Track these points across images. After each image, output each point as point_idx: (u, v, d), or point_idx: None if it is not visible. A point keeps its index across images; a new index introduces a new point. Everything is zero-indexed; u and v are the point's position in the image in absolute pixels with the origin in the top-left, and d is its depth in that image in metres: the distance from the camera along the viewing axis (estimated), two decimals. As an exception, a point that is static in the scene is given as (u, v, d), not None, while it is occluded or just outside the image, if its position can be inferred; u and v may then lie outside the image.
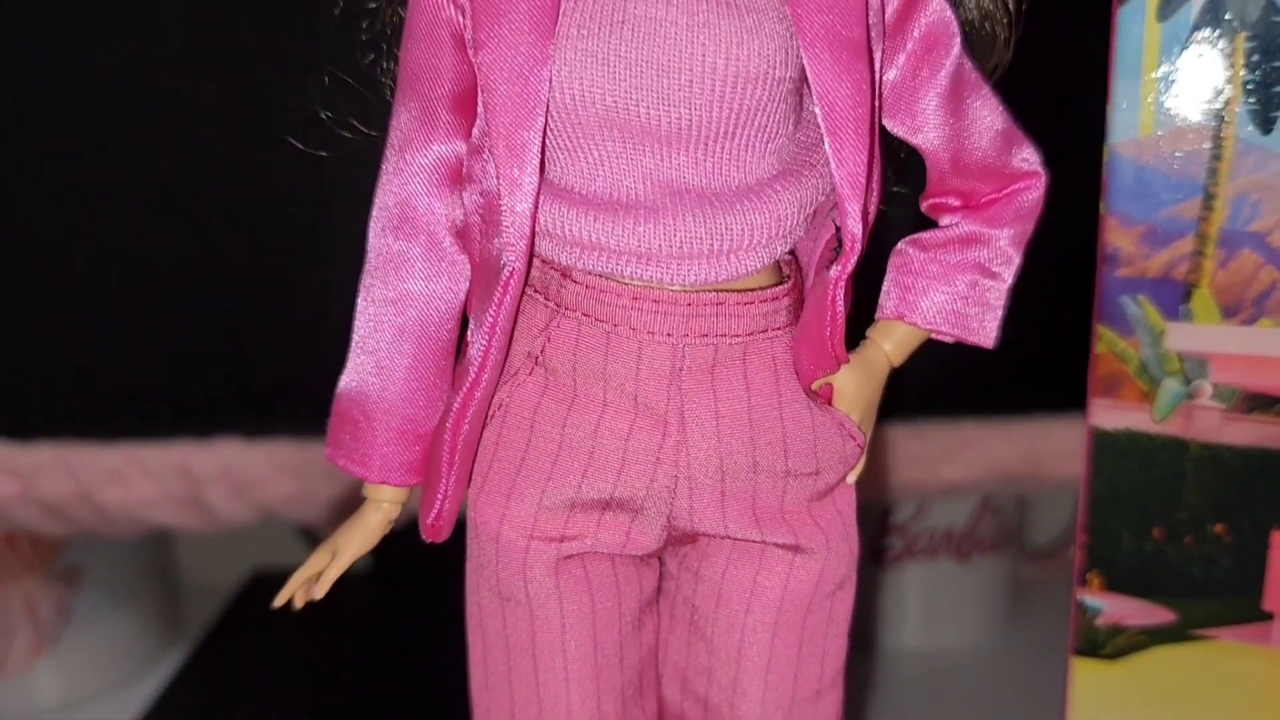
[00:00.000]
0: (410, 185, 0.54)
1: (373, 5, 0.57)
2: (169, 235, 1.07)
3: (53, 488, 1.12)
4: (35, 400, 1.13)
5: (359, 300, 0.56)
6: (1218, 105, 0.67)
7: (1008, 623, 1.33)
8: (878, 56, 0.51)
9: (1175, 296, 0.70)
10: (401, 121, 0.54)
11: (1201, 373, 0.71)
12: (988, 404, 1.10)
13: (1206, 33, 0.67)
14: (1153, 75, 0.68)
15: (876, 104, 0.51)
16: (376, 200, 0.55)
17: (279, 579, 0.67)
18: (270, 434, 1.12)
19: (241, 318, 1.11)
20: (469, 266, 0.55)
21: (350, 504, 1.16)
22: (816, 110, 0.49)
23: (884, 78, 0.53)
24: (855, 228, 0.50)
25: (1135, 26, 0.67)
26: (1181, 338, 0.70)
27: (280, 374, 1.13)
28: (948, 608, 1.31)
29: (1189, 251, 0.69)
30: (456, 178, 0.54)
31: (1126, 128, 0.69)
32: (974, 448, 1.10)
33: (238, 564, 1.46)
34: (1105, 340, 0.72)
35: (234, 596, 1.40)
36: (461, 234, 0.54)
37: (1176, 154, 0.68)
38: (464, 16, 0.51)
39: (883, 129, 0.55)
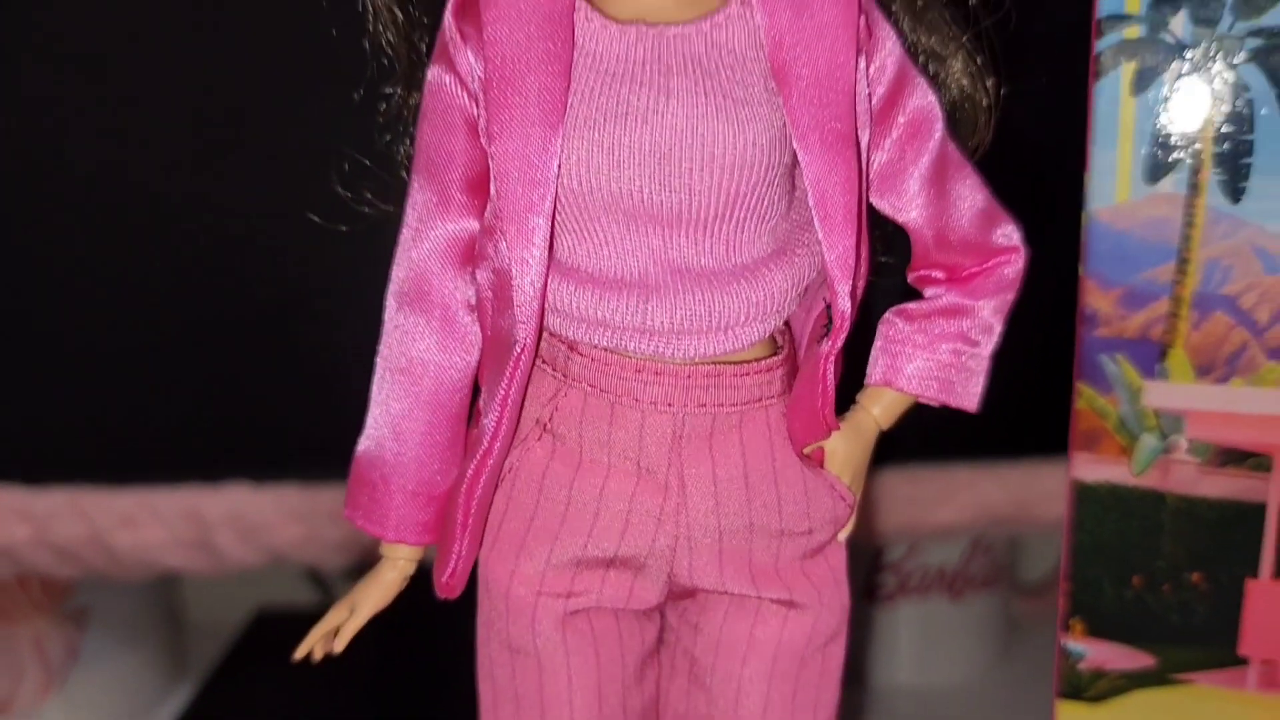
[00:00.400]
0: (425, 261, 0.57)
1: (390, 91, 0.61)
2: (180, 288, 1.10)
3: (65, 532, 1.14)
4: (49, 446, 1.16)
5: (376, 368, 0.59)
6: (1190, 175, 0.71)
7: (1000, 659, 1.36)
8: (865, 140, 0.55)
9: (1152, 356, 0.73)
10: (417, 200, 0.57)
11: (1177, 428, 0.74)
12: (979, 449, 1.13)
13: (1177, 107, 0.70)
14: (1128, 146, 0.71)
15: (864, 189, 0.54)
16: (393, 273, 0.58)
17: (283, 618, 0.69)
18: (278, 479, 1.14)
19: (250, 367, 1.14)
20: (480, 337, 0.58)
21: (354, 547, 1.19)
22: (808, 196, 0.52)
23: (871, 160, 0.56)
24: (844, 306, 0.53)
25: (1111, 100, 0.71)
26: (1158, 395, 0.74)
27: (287, 420, 1.15)
28: (941, 644, 1.33)
29: (1164, 313, 0.73)
30: (469, 254, 0.57)
31: (1104, 195, 0.72)
32: (965, 491, 1.13)
33: (242, 602, 1.48)
34: (1085, 397, 0.75)
35: (239, 635, 1.43)
36: (474, 307, 0.58)
37: (1152, 221, 0.72)
38: (477, 106, 0.54)
39: (871, 207, 0.58)
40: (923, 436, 0.96)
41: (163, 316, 1.12)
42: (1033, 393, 0.87)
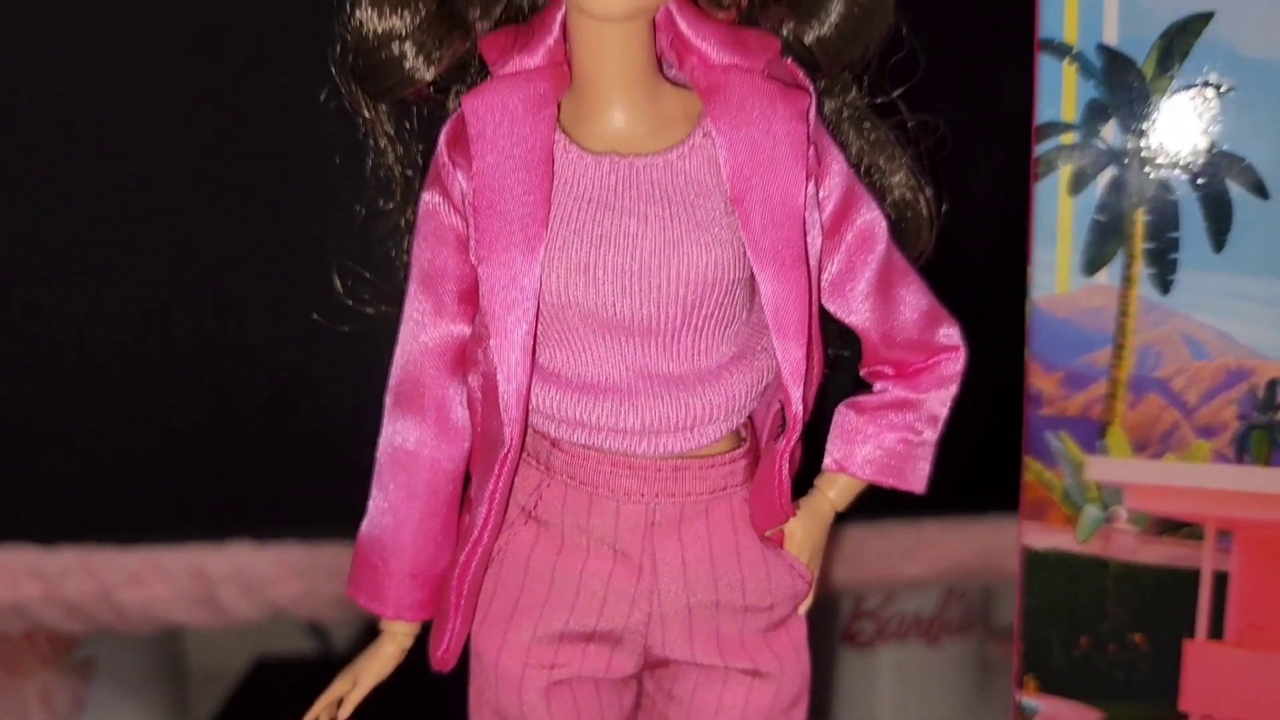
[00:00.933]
0: (421, 362, 0.63)
1: (389, 207, 0.67)
2: (186, 357, 1.16)
3: (74, 589, 1.19)
4: (60, 507, 1.21)
5: (377, 459, 0.65)
6: (1123, 269, 0.77)
7: (975, 700, 1.41)
8: (816, 253, 0.61)
9: (1092, 433, 0.80)
10: (414, 307, 0.63)
11: (1117, 500, 0.80)
12: (946, 505, 1.19)
13: (1110, 207, 0.77)
14: (1067, 242, 0.78)
15: (815, 303, 0.60)
16: (392, 372, 0.64)
17: (282, 666, 0.73)
18: (279, 537, 1.19)
19: (253, 429, 1.19)
20: (471, 432, 0.64)
21: (351, 601, 1.23)
22: (766, 316, 0.58)
23: (823, 270, 0.63)
24: (796, 410, 0.59)
25: (1050, 200, 0.78)
26: (1099, 469, 0.80)
27: (289, 481, 1.21)
28: (918, 688, 1.38)
29: (1103, 394, 0.79)
30: (461, 357, 0.63)
31: (1045, 286, 0.79)
32: (934, 546, 1.19)
33: (243, 651, 1.53)
34: (1033, 470, 0.81)
35: (239, 683, 1.47)
36: (465, 405, 0.64)
37: (1089, 310, 0.78)
38: (467, 226, 0.60)
39: (824, 311, 0.64)
40: (893, 494, 1.02)
41: (170, 385, 1.17)
42: (997, 450, 0.93)
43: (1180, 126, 0.75)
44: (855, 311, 0.64)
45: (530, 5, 0.62)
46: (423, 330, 0.63)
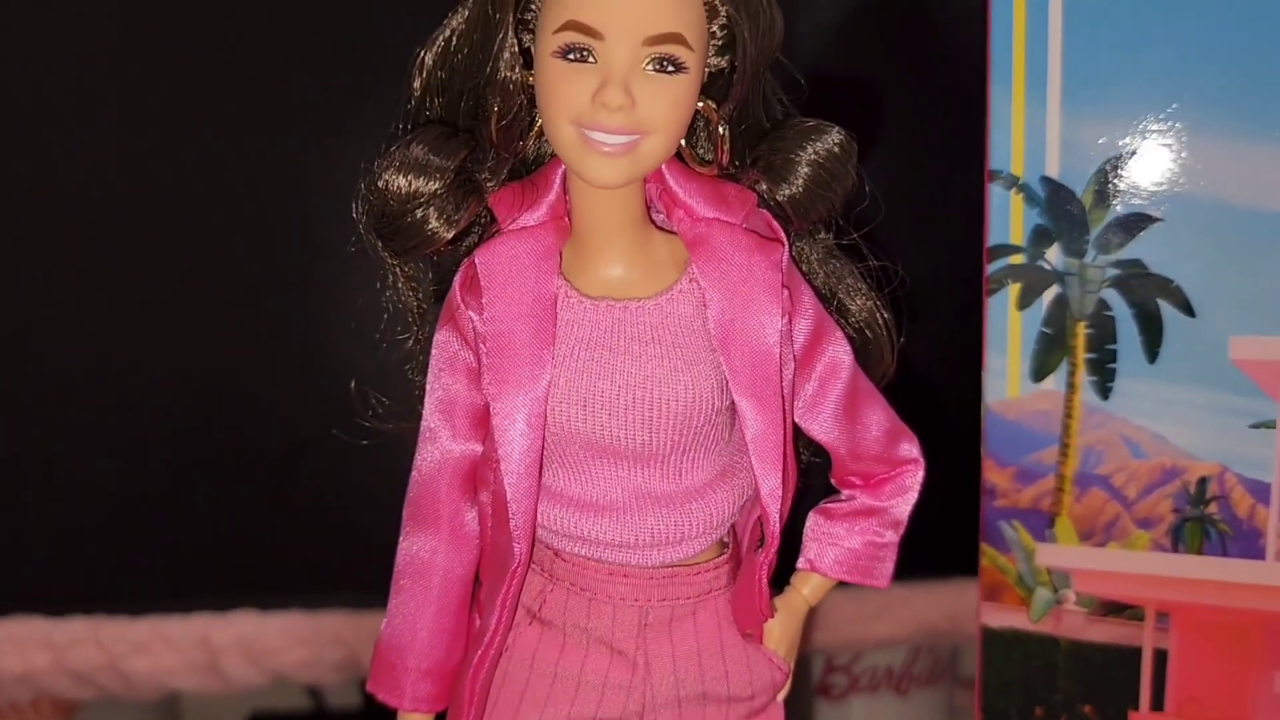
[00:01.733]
0: (436, 479, 0.70)
1: (405, 338, 0.74)
2: (193, 434, 1.21)
3: (82, 658, 1.24)
4: (69, 578, 1.26)
5: (395, 566, 0.72)
6: (1067, 376, 0.85)
7: (947, 745, 1.48)
8: (789, 380, 0.69)
9: (1042, 523, 0.87)
10: (429, 428, 0.70)
11: (1066, 584, 0.88)
12: (914, 570, 1.27)
13: (1054, 321, 0.85)
14: (1017, 351, 0.86)
15: (790, 428, 0.68)
16: (410, 486, 0.71)
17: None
18: (283, 606, 1.25)
19: (257, 500, 1.25)
20: (480, 541, 0.71)
21: (351, 667, 1.28)
22: (747, 444, 0.66)
23: (796, 395, 0.70)
24: (775, 529, 0.66)
25: (1001, 314, 0.86)
26: (1048, 556, 0.88)
27: (292, 549, 1.26)
28: (891, 737, 1.46)
29: (1051, 488, 0.87)
30: (473, 474, 0.70)
31: (997, 391, 0.87)
32: (902, 607, 1.26)
33: (240, 711, 1.58)
34: (989, 556, 0.89)
35: (235, 738, 1.52)
36: (475, 516, 0.71)
37: (1038, 413, 0.86)
38: (477, 360, 0.68)
39: (798, 428, 0.72)
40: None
41: (177, 460, 1.23)
42: (961, 520, 1.00)
43: (1115, 251, 0.83)
44: (825, 431, 0.71)
45: (533, 160, 0.70)
46: (439, 451, 0.70)
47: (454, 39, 0.66)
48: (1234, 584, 0.83)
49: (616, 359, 0.66)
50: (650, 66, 0.61)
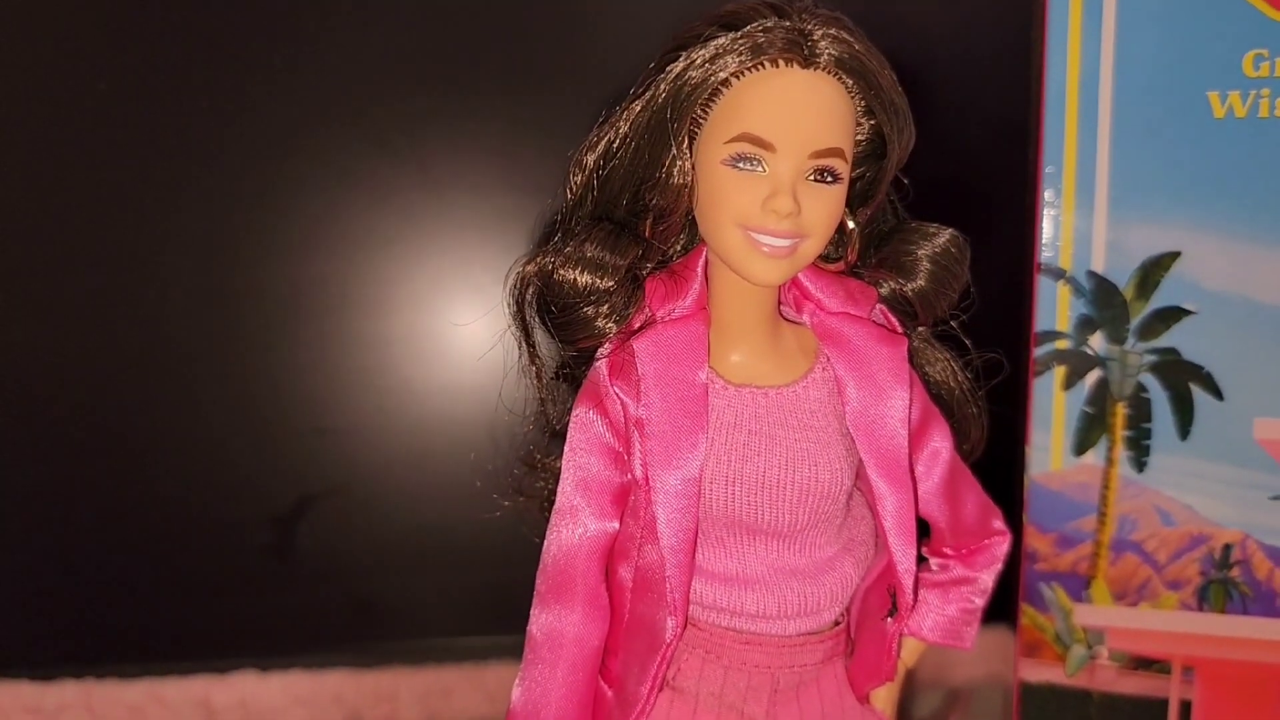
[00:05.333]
0: (575, 554, 0.73)
1: (541, 418, 0.77)
2: (184, 491, 1.20)
3: (73, 725, 1.20)
4: (58, 640, 1.23)
5: (530, 636, 0.74)
6: (1106, 451, 0.93)
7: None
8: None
9: (1079, 585, 0.95)
10: (567, 502, 0.73)
11: (1100, 641, 0.96)
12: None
13: (1096, 401, 0.93)
14: (1060, 428, 0.94)
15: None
16: (545, 559, 0.74)
17: None
18: (284, 666, 1.24)
19: (257, 560, 1.24)
20: (612, 614, 0.74)
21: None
22: (881, 518, 0.71)
23: None
24: (908, 598, 0.72)
25: (1047, 393, 0.94)
26: (1085, 615, 0.95)
27: (293, 610, 1.26)
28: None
29: (1089, 553, 0.95)
30: (610, 549, 0.74)
31: (1041, 464, 0.94)
32: (937, 653, 1.31)
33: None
34: (1028, 615, 0.96)
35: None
36: (607, 589, 0.74)
37: (1078, 484, 0.94)
38: (621, 443, 0.71)
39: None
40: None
41: (172, 516, 1.21)
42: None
43: (1153, 339, 0.92)
44: (929, 508, 0.77)
45: (682, 250, 0.74)
46: (578, 527, 0.73)
47: (618, 141, 0.70)
48: (1254, 640, 0.92)
49: (762, 442, 0.71)
50: (812, 177, 0.67)
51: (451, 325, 1.17)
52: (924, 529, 0.81)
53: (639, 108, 0.69)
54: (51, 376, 1.17)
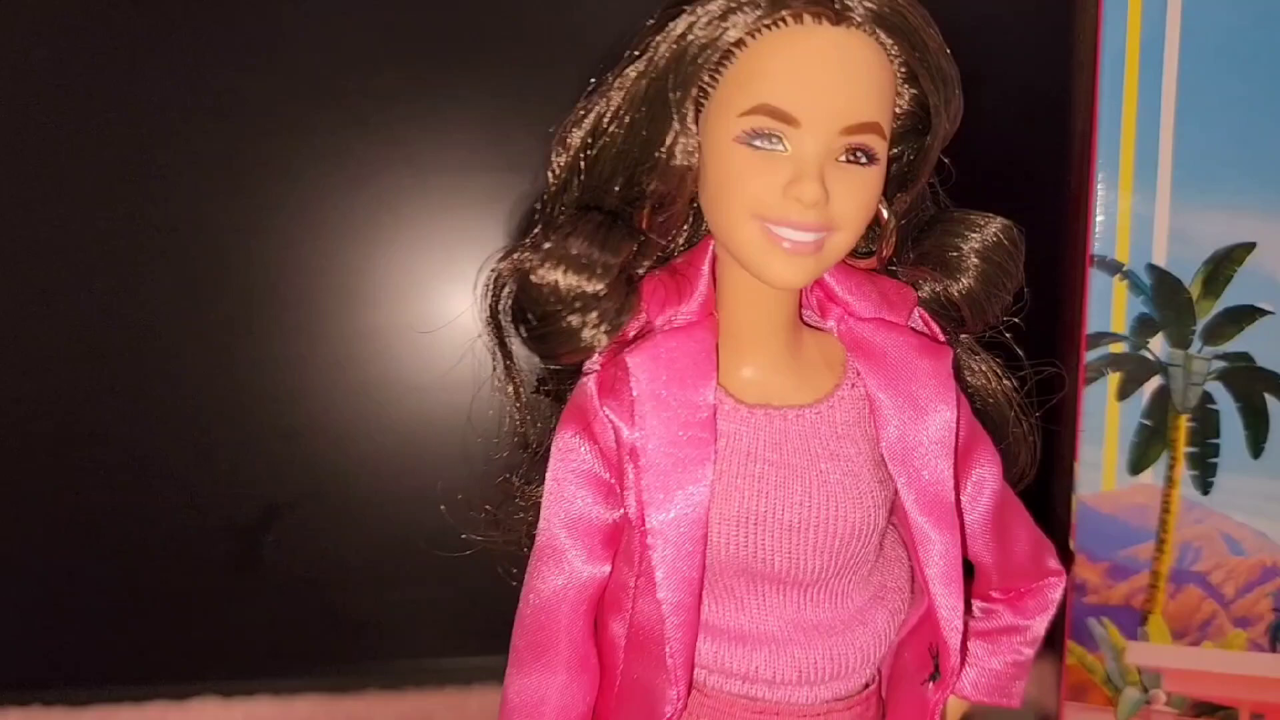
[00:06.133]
0: (557, 602, 0.62)
1: (514, 442, 0.66)
2: (142, 497, 1.11)
3: (20, 753, 1.11)
4: (3, 666, 1.14)
5: (504, 698, 0.63)
6: (1166, 470, 0.82)
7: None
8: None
9: (1134, 621, 0.84)
10: (551, 542, 0.61)
11: (1156, 683, 0.85)
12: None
13: (1155, 413, 0.82)
14: (1114, 443, 0.83)
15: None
16: (523, 609, 0.63)
17: None
18: (248, 692, 1.15)
19: (219, 578, 1.14)
20: (601, 674, 0.63)
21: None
22: (922, 564, 0.60)
23: None
24: (954, 661, 0.61)
25: (1099, 404, 0.82)
26: (1140, 654, 0.84)
27: (257, 631, 1.16)
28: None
29: (1145, 585, 0.83)
30: (599, 599, 0.62)
31: (1092, 484, 0.83)
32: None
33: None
34: (1075, 654, 0.85)
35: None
36: (595, 648, 0.63)
37: (1133, 507, 0.83)
38: (612, 474, 0.60)
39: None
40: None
41: (126, 529, 1.12)
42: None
43: (1222, 343, 0.81)
44: (974, 543, 0.66)
45: (686, 245, 0.63)
46: (565, 573, 0.62)
47: (609, 115, 0.58)
48: (1334, 685, 0.82)
49: (778, 474, 0.59)
50: (844, 157, 0.55)
51: (419, 332, 1.06)
52: (967, 567, 0.70)
53: (634, 74, 0.57)
54: (32, 417, 1.07)
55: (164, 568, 1.14)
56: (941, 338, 0.63)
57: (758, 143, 0.54)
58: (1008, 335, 0.67)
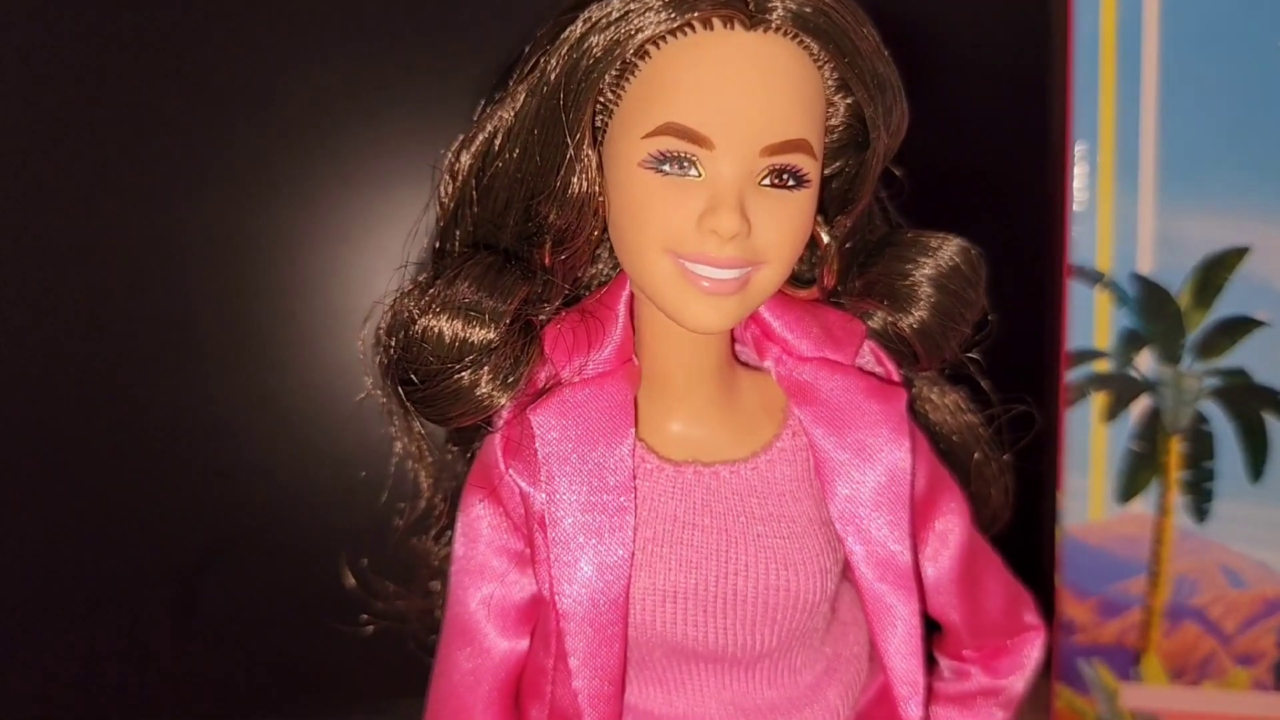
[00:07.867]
0: (470, 685, 0.55)
1: (422, 511, 0.59)
2: (64, 535, 1.04)
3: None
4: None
5: None
6: (1158, 498, 0.75)
7: None
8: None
9: (1127, 661, 0.77)
10: (460, 617, 0.55)
11: (1153, 728, 0.78)
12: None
13: (1145, 436, 0.74)
14: (1100, 469, 0.75)
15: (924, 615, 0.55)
16: (434, 690, 0.56)
17: None
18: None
19: (159, 622, 1.09)
20: None
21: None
22: (877, 633, 0.52)
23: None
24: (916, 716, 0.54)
25: (1083, 427, 0.75)
26: (1134, 697, 0.77)
27: (197, 674, 1.11)
28: None
29: (1138, 621, 0.76)
30: (515, 679, 0.55)
31: (1078, 514, 0.76)
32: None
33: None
34: (1064, 698, 0.78)
35: None
36: None
37: (1123, 538, 0.76)
38: (521, 542, 0.53)
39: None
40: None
41: (48, 569, 1.06)
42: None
43: (1216, 358, 0.73)
44: (939, 600, 0.59)
45: (591, 284, 0.56)
46: (476, 652, 0.55)
47: (500, 137, 0.51)
48: (1347, 728, 0.74)
49: (709, 541, 0.52)
50: (766, 181, 0.48)
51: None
52: (932, 625, 0.63)
53: (524, 91, 0.49)
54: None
55: (97, 613, 1.08)
56: (895, 376, 0.55)
57: (666, 168, 0.47)
58: (976, 361, 0.60)
